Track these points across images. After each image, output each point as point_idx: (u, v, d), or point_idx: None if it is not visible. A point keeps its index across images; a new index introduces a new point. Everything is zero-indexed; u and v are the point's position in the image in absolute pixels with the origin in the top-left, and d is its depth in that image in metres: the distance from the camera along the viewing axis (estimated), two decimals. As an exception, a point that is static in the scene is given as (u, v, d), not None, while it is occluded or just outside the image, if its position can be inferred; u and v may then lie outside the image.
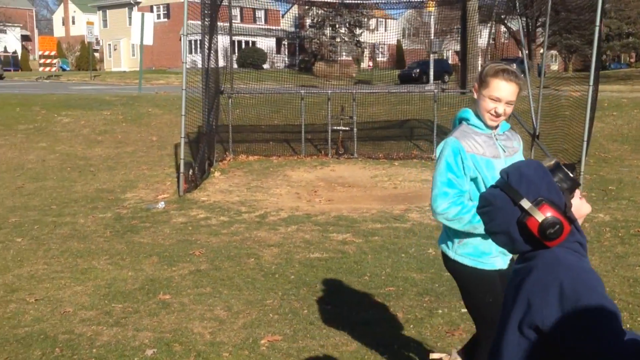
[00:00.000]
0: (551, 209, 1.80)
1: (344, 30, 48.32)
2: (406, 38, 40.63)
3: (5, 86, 30.24)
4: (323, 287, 5.65)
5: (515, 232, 1.85)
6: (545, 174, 1.87)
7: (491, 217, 1.89)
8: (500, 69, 3.09)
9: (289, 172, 12.07)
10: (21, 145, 13.98)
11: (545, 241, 1.82)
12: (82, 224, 8.02)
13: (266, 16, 54.19)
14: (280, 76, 20.67)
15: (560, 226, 1.80)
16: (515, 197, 1.83)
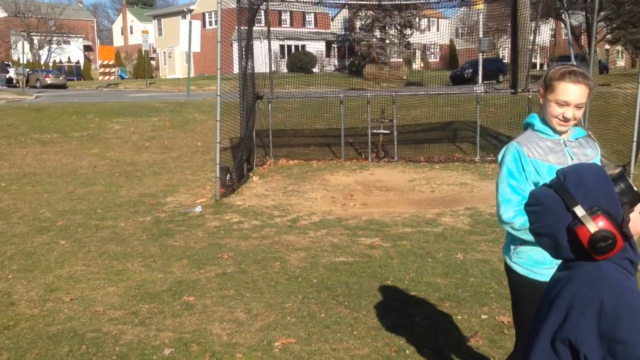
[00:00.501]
0: (606, 221, 1.69)
1: (394, 31, 48.18)
2: (459, 37, 40.20)
3: (67, 95, 31.41)
4: (344, 291, 5.78)
5: (563, 238, 1.75)
6: (606, 182, 1.75)
7: (539, 217, 1.79)
8: (567, 70, 2.91)
9: (327, 176, 12.22)
10: (75, 151, 14.56)
11: (593, 254, 1.72)
12: (122, 227, 8.35)
13: (316, 20, 54.50)
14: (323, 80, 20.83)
15: (613, 241, 1.70)
16: (569, 202, 1.72)
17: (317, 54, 48.46)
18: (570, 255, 1.77)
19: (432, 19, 49.53)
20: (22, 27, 60.15)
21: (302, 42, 50.96)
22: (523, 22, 18.71)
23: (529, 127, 3.14)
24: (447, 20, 40.63)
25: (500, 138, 15.04)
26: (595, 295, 1.69)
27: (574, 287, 1.75)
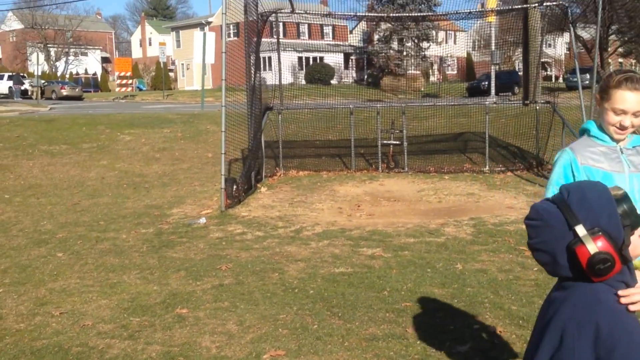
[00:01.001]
0: (606, 243, 1.65)
1: (411, 44, 48.15)
2: (476, 50, 40.16)
3: (82, 107, 31.64)
4: (340, 302, 5.65)
5: (562, 256, 1.70)
6: (609, 203, 1.70)
7: (538, 232, 1.74)
8: (624, 77, 2.82)
9: (336, 187, 12.11)
10: (84, 163, 14.58)
11: (591, 275, 1.67)
12: (123, 239, 8.29)
13: (334, 32, 54.59)
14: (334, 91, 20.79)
15: (612, 264, 1.66)
16: (571, 220, 1.68)
17: (335, 65, 48.58)
18: (568, 273, 1.72)
19: (450, 32, 49.46)
20: (38, 39, 60.83)
21: (320, 54, 51.09)
22: (534, 34, 18.60)
23: (585, 133, 3.08)
24: (464, 33, 40.62)
25: (510, 149, 14.89)
26: (591, 320, 1.65)
27: (569, 311, 1.71)
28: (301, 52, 48.26)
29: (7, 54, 69.82)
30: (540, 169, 13.41)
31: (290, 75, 41.18)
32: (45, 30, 62.13)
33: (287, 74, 39.64)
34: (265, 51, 30.94)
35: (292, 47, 46.16)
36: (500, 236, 7.95)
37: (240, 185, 10.78)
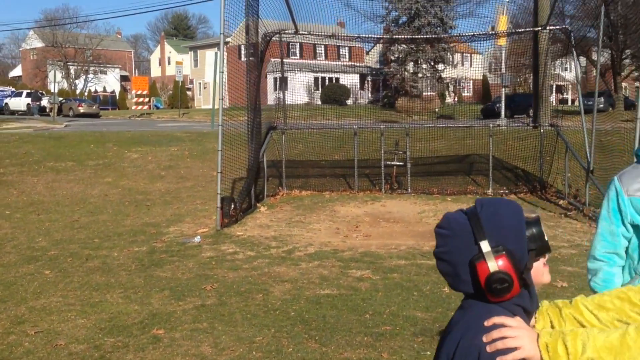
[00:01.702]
0: (508, 263, 1.57)
1: (426, 66, 48.14)
2: (492, 72, 40.15)
3: (97, 124, 31.89)
4: (319, 324, 5.55)
5: (464, 270, 1.63)
6: (519, 224, 1.63)
7: (445, 242, 1.65)
8: None
9: (337, 207, 12.03)
10: (88, 180, 14.63)
11: (487, 293, 1.60)
12: (114, 257, 8.25)
13: (350, 53, 54.81)
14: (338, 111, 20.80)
15: (510, 285, 1.57)
16: (478, 234, 1.60)
17: (351, 86, 48.71)
18: (468, 289, 1.64)
19: (466, 55, 49.49)
20: (59, 57, 61.67)
21: (337, 75, 51.25)
22: (543, 58, 18.50)
23: (635, 159, 2.79)
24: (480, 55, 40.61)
25: (515, 171, 14.74)
26: (474, 344, 1.56)
27: (458, 334, 1.62)
28: (317, 73, 48.45)
29: (28, 72, 70.83)
30: (543, 192, 13.25)
31: (306, 95, 41.37)
32: (65, 49, 62.99)
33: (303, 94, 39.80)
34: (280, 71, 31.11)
35: (309, 68, 46.30)
36: (494, 260, 7.81)
37: (239, 204, 10.73)
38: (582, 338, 1.52)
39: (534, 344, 1.52)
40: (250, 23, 11.19)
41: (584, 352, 1.49)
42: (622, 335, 1.50)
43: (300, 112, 18.98)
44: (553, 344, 1.52)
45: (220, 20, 9.78)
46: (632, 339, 1.48)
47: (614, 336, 1.51)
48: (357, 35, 13.25)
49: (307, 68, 43.06)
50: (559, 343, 1.51)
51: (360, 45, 49.42)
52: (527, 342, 1.52)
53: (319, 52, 48.96)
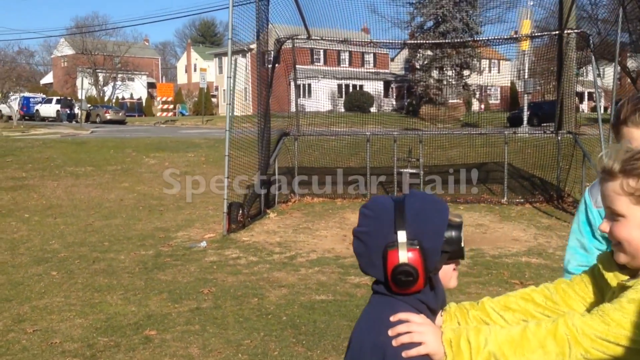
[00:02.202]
0: (418, 258, 1.57)
1: (452, 72, 47.96)
2: (520, 79, 39.79)
3: (122, 130, 32.39)
4: (309, 329, 5.63)
5: (377, 255, 1.61)
6: (441, 224, 1.63)
7: (366, 222, 1.65)
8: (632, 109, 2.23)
9: (348, 215, 12.08)
10: (106, 184, 14.89)
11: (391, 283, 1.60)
12: (120, 260, 8.41)
13: (375, 59, 54.90)
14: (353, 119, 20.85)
15: (414, 280, 1.58)
16: (398, 223, 1.59)
17: (375, 93, 48.65)
18: (378, 275, 1.64)
19: (493, 61, 49.21)
20: (88, 65, 62.73)
21: (360, 82, 51.22)
22: (568, 64, 18.34)
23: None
24: (509, 62, 40.34)
25: (532, 180, 14.65)
26: (380, 340, 1.59)
27: (365, 330, 1.65)
28: (341, 80, 48.51)
29: (58, 79, 72.15)
30: (560, 201, 13.15)
31: (329, 102, 41.44)
32: (94, 56, 64.08)
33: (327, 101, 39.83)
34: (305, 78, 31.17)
35: (332, 75, 46.33)
36: (496, 269, 7.81)
37: (247, 210, 10.84)
38: (484, 333, 1.57)
39: (438, 340, 1.57)
40: (262, 29, 11.33)
41: (486, 345, 1.54)
42: (523, 330, 1.56)
43: (322, 119, 19.12)
44: (456, 340, 1.56)
45: (229, 25, 9.93)
46: (532, 332, 1.54)
47: (515, 330, 1.57)
48: (370, 40, 13.31)
49: (330, 75, 43.16)
50: (462, 338, 1.56)
51: (385, 51, 49.46)
52: (431, 338, 1.56)
53: (342, 59, 49.06)
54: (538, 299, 1.81)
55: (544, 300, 1.81)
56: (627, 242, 1.63)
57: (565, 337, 1.51)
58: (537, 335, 1.54)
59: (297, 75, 14.58)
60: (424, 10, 44.55)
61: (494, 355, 1.53)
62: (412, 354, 1.56)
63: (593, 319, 1.52)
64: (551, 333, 1.53)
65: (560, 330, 1.52)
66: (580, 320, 1.52)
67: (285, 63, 14.94)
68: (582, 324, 1.51)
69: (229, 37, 9.92)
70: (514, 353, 1.53)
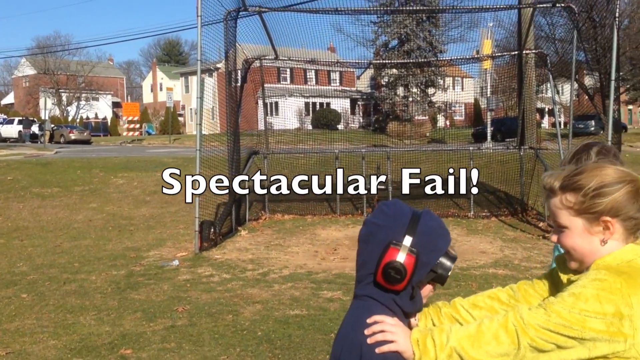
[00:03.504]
0: (412, 265, 1.71)
1: (417, 90, 48.55)
2: (483, 96, 40.44)
3: (87, 150, 32.06)
4: (284, 344, 5.69)
5: (376, 245, 1.75)
6: (441, 248, 1.77)
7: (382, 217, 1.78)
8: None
9: (319, 231, 12.19)
10: (74, 205, 14.76)
11: (380, 274, 1.72)
12: (91, 281, 8.37)
13: (341, 77, 55.35)
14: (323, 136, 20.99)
15: (400, 279, 1.71)
16: (410, 230, 1.73)
17: (342, 111, 48.94)
18: (368, 265, 1.77)
19: (457, 78, 49.98)
20: (50, 84, 62.03)
21: (327, 100, 51.50)
22: (528, 82, 18.77)
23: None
24: (472, 79, 40.97)
25: (497, 194, 14.93)
26: (357, 340, 1.72)
27: (345, 331, 1.78)
28: (308, 98, 48.70)
29: (20, 99, 71.19)
30: (524, 214, 13.43)
31: (297, 120, 41.59)
32: (57, 76, 63.38)
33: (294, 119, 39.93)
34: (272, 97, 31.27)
35: (299, 93, 46.52)
36: (464, 280, 7.97)
37: (219, 228, 10.87)
38: (446, 331, 1.73)
39: (407, 340, 1.72)
40: (230, 49, 11.44)
41: (448, 342, 1.69)
42: (479, 325, 1.72)
43: (290, 137, 19.22)
44: (423, 339, 1.72)
45: (198, 45, 10.02)
46: (486, 326, 1.70)
47: (472, 326, 1.74)
48: (336, 60, 13.49)
49: (297, 93, 43.36)
50: (428, 338, 1.72)
51: (351, 70, 49.91)
52: (402, 338, 1.71)
53: (309, 77, 49.26)
54: (503, 297, 2.01)
55: (508, 298, 2.00)
56: (572, 250, 1.82)
57: (514, 328, 1.67)
58: (490, 328, 1.70)
59: (265, 94, 14.66)
60: (388, 29, 45.10)
61: (455, 350, 1.68)
62: (384, 350, 1.70)
63: (538, 311, 1.68)
64: (502, 326, 1.69)
65: (509, 322, 1.68)
66: (527, 313, 1.68)
67: (253, 82, 15.06)
68: (528, 316, 1.67)
69: (198, 58, 10.00)
70: (472, 346, 1.68)
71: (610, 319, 1.61)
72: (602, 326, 1.61)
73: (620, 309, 1.61)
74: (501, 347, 1.67)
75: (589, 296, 1.64)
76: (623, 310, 1.61)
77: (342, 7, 11.53)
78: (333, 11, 11.39)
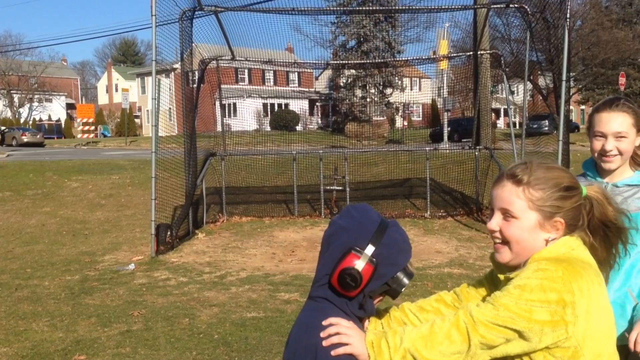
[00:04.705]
0: (368, 274, 1.73)
1: (374, 90, 48.83)
2: (440, 97, 40.84)
3: (40, 153, 31.39)
4: (241, 346, 5.68)
5: (338, 248, 1.76)
6: (401, 263, 1.79)
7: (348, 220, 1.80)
8: (603, 101, 2.69)
9: (276, 233, 12.17)
10: (26, 210, 14.46)
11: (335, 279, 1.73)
12: (44, 286, 8.21)
13: (299, 78, 55.34)
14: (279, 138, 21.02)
15: (354, 287, 1.73)
16: (374, 239, 1.75)
17: (300, 112, 48.91)
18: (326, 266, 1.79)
19: (414, 79, 50.44)
20: (1, 85, 60.59)
21: (286, 101, 51.44)
22: (483, 82, 19.06)
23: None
24: (429, 80, 41.40)
25: (453, 194, 15.13)
26: (311, 342, 1.73)
27: (299, 333, 1.79)
28: (266, 99, 48.57)
29: (-31, 100, 69.35)
30: (479, 214, 13.63)
31: (255, 121, 41.41)
32: (8, 77, 61.92)
33: (252, 120, 39.77)
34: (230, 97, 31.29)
35: (257, 94, 46.33)
36: (420, 280, 8.06)
37: (175, 231, 10.78)
38: (399, 334, 1.76)
39: (362, 343, 1.74)
40: (186, 49, 11.36)
41: (402, 344, 1.73)
42: (431, 325, 1.76)
43: (248, 139, 19.14)
44: (377, 341, 1.75)
45: (153, 45, 9.93)
46: (438, 326, 1.74)
47: (425, 327, 1.77)
48: (294, 60, 13.51)
49: (255, 94, 43.20)
50: (382, 340, 1.74)
51: (309, 70, 49.94)
52: (357, 340, 1.73)
53: (268, 78, 49.07)
54: (448, 300, 2.09)
55: (452, 301, 2.08)
56: (516, 242, 1.85)
57: (464, 326, 1.71)
58: (442, 328, 1.73)
59: (222, 94, 14.59)
60: (346, 29, 45.26)
61: (409, 351, 1.72)
62: (339, 353, 1.71)
63: (486, 307, 1.72)
64: (454, 325, 1.72)
65: (460, 320, 1.72)
66: (476, 310, 1.72)
67: (210, 83, 14.97)
68: (477, 313, 1.71)
69: (153, 58, 9.91)
70: (425, 347, 1.71)
71: (554, 307, 1.65)
72: (547, 316, 1.65)
73: (563, 296, 1.66)
74: (454, 346, 1.70)
75: (533, 286, 1.68)
76: (565, 298, 1.66)
77: (299, 7, 11.54)
78: (290, 11, 11.40)
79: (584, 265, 1.77)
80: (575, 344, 1.69)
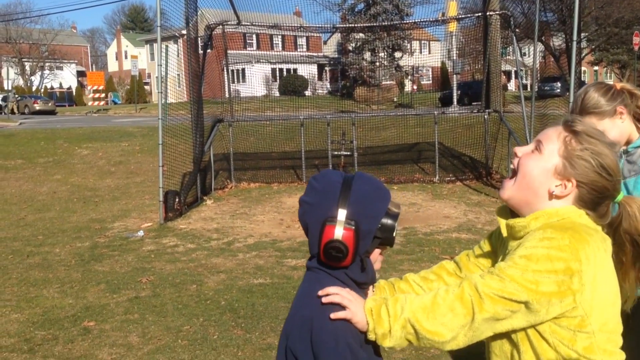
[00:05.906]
0: (352, 238, 1.66)
1: (383, 54, 48.36)
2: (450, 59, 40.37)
3: (52, 121, 31.51)
4: (248, 312, 5.75)
5: (314, 225, 1.71)
6: (380, 210, 1.72)
7: (313, 194, 1.73)
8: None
9: (284, 199, 12.22)
10: (37, 177, 14.58)
11: (322, 255, 1.69)
12: (55, 253, 8.33)
13: (308, 43, 54.83)
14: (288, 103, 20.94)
15: (343, 256, 1.67)
16: (341, 201, 1.67)
17: (309, 77, 48.54)
18: (313, 246, 1.74)
19: (424, 42, 49.81)
20: (13, 54, 60.54)
21: (294, 66, 51.01)
22: (493, 44, 18.77)
23: None
24: (439, 43, 40.92)
25: (462, 158, 15.07)
26: (307, 314, 1.69)
27: (295, 305, 1.76)
28: (275, 64, 48.21)
29: (-19, 69, 69.40)
30: (488, 178, 13.59)
31: (264, 86, 41.22)
32: (19, 45, 61.82)
33: (261, 86, 39.60)
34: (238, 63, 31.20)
35: (266, 59, 45.99)
36: (428, 245, 8.09)
37: (183, 198, 10.85)
38: (401, 302, 1.72)
39: (361, 309, 1.70)
40: (192, 14, 11.30)
41: (402, 313, 1.69)
42: (434, 296, 1.71)
43: (257, 104, 19.10)
44: (377, 309, 1.70)
45: (157, 11, 9.87)
46: (442, 297, 1.70)
47: (427, 297, 1.72)
48: (301, 25, 13.40)
49: (264, 59, 42.88)
50: (382, 308, 1.70)
51: (318, 35, 49.49)
52: (356, 307, 1.69)
53: (276, 43, 48.56)
54: (450, 268, 2.06)
55: (454, 269, 2.05)
56: (523, 175, 1.81)
57: (469, 299, 1.66)
58: (446, 300, 1.69)
59: (229, 60, 14.52)
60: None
61: (409, 321, 1.68)
62: (338, 316, 1.67)
63: (492, 278, 1.67)
64: (458, 297, 1.68)
65: (465, 293, 1.67)
66: (481, 282, 1.68)
67: (217, 49, 14.89)
68: (482, 285, 1.67)
69: (158, 23, 9.86)
70: (427, 318, 1.67)
71: (561, 277, 1.62)
72: (554, 287, 1.62)
73: (570, 264, 1.62)
74: (457, 319, 1.66)
75: (539, 256, 1.64)
76: (572, 266, 1.62)
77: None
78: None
79: (590, 231, 1.73)
80: (582, 313, 1.66)
